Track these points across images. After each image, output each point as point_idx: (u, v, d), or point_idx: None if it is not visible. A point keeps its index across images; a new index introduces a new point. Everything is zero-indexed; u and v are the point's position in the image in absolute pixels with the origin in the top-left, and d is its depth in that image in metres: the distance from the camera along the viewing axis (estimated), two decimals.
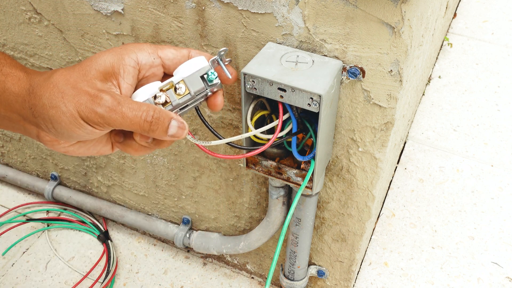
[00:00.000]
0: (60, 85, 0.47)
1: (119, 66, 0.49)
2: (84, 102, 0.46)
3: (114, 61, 0.49)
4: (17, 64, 0.51)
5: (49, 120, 0.47)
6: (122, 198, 1.13)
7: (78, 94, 0.46)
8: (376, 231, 1.21)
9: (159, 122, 0.47)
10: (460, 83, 1.64)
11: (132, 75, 0.50)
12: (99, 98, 0.46)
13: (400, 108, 0.72)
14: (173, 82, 0.51)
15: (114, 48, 0.50)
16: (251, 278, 1.10)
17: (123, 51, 0.50)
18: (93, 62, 0.48)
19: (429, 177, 1.33)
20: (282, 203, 0.82)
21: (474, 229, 1.21)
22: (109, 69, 0.48)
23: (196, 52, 0.54)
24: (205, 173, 0.95)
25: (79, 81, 0.47)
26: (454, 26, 1.90)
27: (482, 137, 1.45)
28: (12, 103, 0.48)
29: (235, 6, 0.67)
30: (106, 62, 0.48)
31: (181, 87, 0.51)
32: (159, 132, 0.47)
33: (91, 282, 1.08)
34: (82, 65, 0.49)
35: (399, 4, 0.57)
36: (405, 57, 0.61)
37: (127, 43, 0.52)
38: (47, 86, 0.47)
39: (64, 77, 0.47)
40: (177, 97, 0.50)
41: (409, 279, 1.11)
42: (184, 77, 0.51)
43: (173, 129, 0.48)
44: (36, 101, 0.47)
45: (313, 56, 0.64)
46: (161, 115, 0.47)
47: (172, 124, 0.48)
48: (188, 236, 1.05)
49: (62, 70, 0.48)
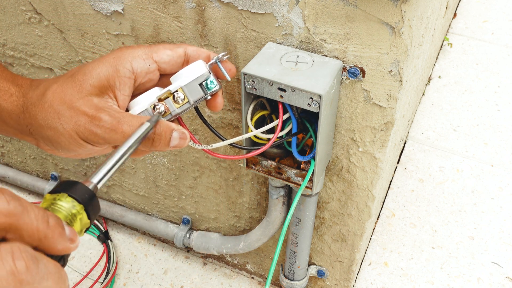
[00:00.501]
0: (55, 105, 0.45)
1: (115, 78, 0.47)
2: (83, 123, 0.45)
3: (108, 73, 0.47)
4: (8, 74, 0.49)
5: (47, 139, 0.46)
6: (122, 198, 1.13)
7: (76, 115, 0.45)
8: (376, 231, 1.20)
9: (161, 138, 0.46)
10: (460, 83, 1.64)
11: (128, 86, 0.48)
12: (98, 119, 0.44)
13: (400, 108, 0.72)
14: (171, 91, 0.49)
15: (107, 57, 0.48)
16: (251, 278, 1.10)
17: (116, 62, 0.48)
18: (86, 76, 0.46)
19: (429, 177, 1.33)
20: (282, 203, 0.82)
21: (474, 229, 1.21)
22: (104, 82, 0.47)
23: (192, 50, 0.52)
24: (205, 173, 0.95)
25: (75, 99, 0.45)
26: (454, 26, 1.90)
27: (482, 137, 1.45)
28: (6, 119, 0.47)
29: (235, 6, 0.67)
30: (101, 76, 0.46)
31: (180, 95, 0.49)
32: (161, 146, 0.47)
33: (91, 282, 1.08)
34: (75, 79, 0.47)
35: (399, 4, 0.57)
36: (405, 57, 0.61)
37: (120, 49, 0.49)
38: (41, 106, 0.45)
39: (58, 96, 0.45)
40: (176, 106, 0.49)
41: (409, 279, 1.11)
42: (182, 85, 0.49)
43: (175, 141, 0.47)
44: (32, 121, 0.46)
45: (313, 56, 0.64)
46: (162, 129, 0.46)
47: (174, 136, 0.47)
48: (188, 236, 1.05)
49: (55, 87, 0.46)
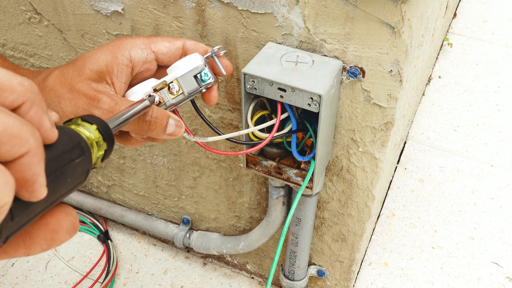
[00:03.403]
0: (57, 88, 0.47)
1: (113, 65, 0.49)
2: (82, 105, 0.46)
3: (107, 60, 0.49)
4: (9, 65, 0.51)
5: None
6: (122, 198, 1.13)
7: (75, 97, 0.46)
8: (376, 231, 1.20)
9: (157, 121, 0.47)
10: (460, 83, 1.64)
11: (126, 73, 0.50)
12: (97, 100, 0.46)
13: (400, 108, 0.72)
14: (167, 82, 0.50)
15: (107, 45, 0.50)
16: (251, 278, 1.10)
17: (116, 49, 0.50)
18: (86, 61, 0.48)
19: (429, 177, 1.33)
20: (282, 203, 0.82)
21: (474, 229, 1.21)
22: (103, 68, 0.48)
23: (190, 43, 0.53)
24: (205, 173, 0.95)
25: (75, 82, 0.47)
26: (454, 26, 1.90)
27: (482, 137, 1.45)
28: None
29: (235, 6, 0.67)
30: (100, 61, 0.49)
31: (175, 86, 0.50)
32: (157, 131, 0.48)
33: (91, 282, 1.08)
34: (76, 64, 0.49)
35: (399, 4, 0.57)
36: (405, 57, 0.61)
37: (120, 38, 0.51)
38: (43, 90, 0.47)
39: (59, 80, 0.47)
40: (170, 96, 0.50)
41: (409, 279, 1.11)
42: (177, 77, 0.50)
43: (171, 127, 0.48)
44: None
45: (313, 56, 0.64)
46: (159, 114, 0.47)
47: (170, 122, 0.48)
48: (188, 236, 1.05)
49: (56, 72, 0.48)
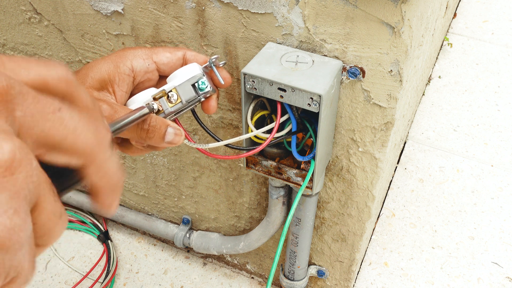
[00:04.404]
0: None
1: (115, 74, 0.50)
2: None
3: (109, 69, 0.50)
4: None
5: None
6: (122, 198, 1.13)
7: None
8: (376, 231, 1.20)
9: (156, 129, 0.48)
10: (460, 83, 1.64)
11: (127, 82, 0.51)
12: None
13: (400, 108, 0.72)
14: (166, 91, 0.51)
15: (110, 55, 0.51)
16: (251, 278, 1.10)
17: (118, 59, 0.51)
18: (89, 71, 0.50)
19: (429, 177, 1.33)
20: (282, 203, 0.82)
21: (474, 229, 1.21)
22: (104, 77, 0.49)
23: (191, 54, 0.54)
24: (205, 173, 0.95)
25: None
26: (454, 26, 1.90)
27: (482, 137, 1.45)
28: None
29: (235, 6, 0.67)
30: (102, 70, 0.50)
31: (173, 95, 0.51)
32: (156, 139, 0.48)
33: (91, 282, 1.08)
34: (80, 73, 0.50)
35: (399, 4, 0.57)
36: (405, 57, 0.61)
37: (123, 49, 0.53)
38: None
39: None
40: (169, 105, 0.51)
41: (409, 279, 1.11)
42: (175, 86, 0.51)
43: (170, 136, 0.49)
44: None
45: (313, 56, 0.64)
46: (158, 122, 0.48)
47: (169, 131, 0.48)
48: (188, 236, 1.05)
49: None
